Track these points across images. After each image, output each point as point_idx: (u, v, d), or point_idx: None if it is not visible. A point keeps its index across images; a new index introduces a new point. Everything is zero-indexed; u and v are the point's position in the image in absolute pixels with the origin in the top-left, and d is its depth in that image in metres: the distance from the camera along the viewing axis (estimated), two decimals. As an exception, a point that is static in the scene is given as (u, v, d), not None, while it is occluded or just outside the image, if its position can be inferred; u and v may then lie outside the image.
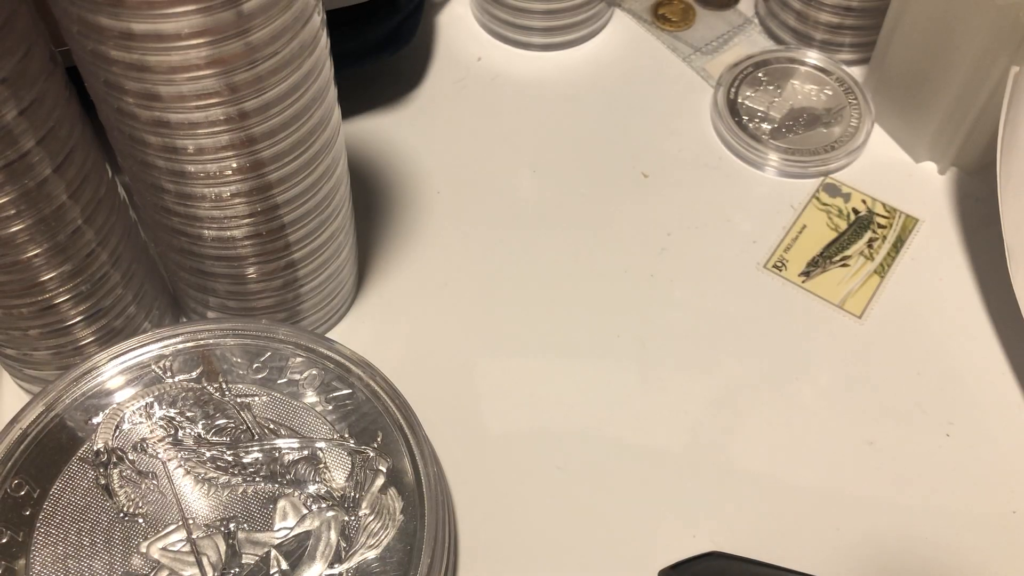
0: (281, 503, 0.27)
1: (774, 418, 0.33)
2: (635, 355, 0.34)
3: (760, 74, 0.41)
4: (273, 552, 0.26)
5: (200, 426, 0.28)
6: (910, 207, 0.38)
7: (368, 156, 0.39)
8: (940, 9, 0.35)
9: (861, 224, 0.38)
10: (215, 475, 0.27)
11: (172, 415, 0.28)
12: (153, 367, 0.29)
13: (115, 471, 0.27)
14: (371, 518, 0.27)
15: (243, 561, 0.26)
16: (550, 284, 0.36)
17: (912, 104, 0.38)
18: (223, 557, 0.26)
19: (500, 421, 0.33)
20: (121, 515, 0.26)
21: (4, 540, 0.26)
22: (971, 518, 0.31)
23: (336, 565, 0.26)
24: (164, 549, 0.26)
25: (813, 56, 0.42)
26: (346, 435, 0.28)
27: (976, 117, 0.36)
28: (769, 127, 0.40)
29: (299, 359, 0.29)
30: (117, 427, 0.27)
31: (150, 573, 0.26)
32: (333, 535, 0.26)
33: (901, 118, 0.39)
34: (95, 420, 0.27)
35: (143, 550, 0.26)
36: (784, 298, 0.36)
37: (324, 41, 0.26)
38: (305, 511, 0.27)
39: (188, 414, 0.28)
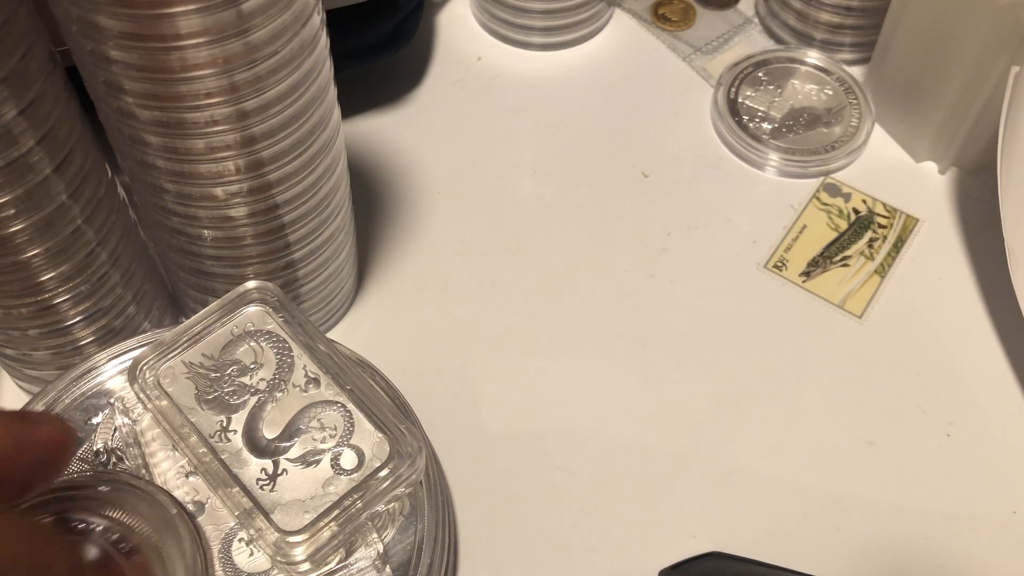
0: (281, 503, 0.27)
1: (774, 418, 0.33)
2: (635, 355, 0.34)
3: (760, 74, 0.41)
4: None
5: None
6: (910, 207, 0.38)
7: (368, 156, 0.39)
8: (940, 9, 0.35)
9: (861, 224, 0.38)
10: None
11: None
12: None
13: (115, 471, 0.27)
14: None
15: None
16: (550, 284, 0.36)
17: (912, 104, 0.38)
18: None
19: (500, 421, 0.33)
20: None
21: (4, 540, 0.25)
22: (971, 518, 0.31)
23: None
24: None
25: (813, 56, 0.42)
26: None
27: (976, 117, 0.36)
28: (769, 127, 0.40)
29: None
30: (117, 427, 0.27)
31: None
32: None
33: (901, 118, 0.39)
34: (95, 420, 0.27)
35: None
36: (784, 298, 0.36)
37: (324, 41, 0.26)
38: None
39: (188, 414, 0.28)
